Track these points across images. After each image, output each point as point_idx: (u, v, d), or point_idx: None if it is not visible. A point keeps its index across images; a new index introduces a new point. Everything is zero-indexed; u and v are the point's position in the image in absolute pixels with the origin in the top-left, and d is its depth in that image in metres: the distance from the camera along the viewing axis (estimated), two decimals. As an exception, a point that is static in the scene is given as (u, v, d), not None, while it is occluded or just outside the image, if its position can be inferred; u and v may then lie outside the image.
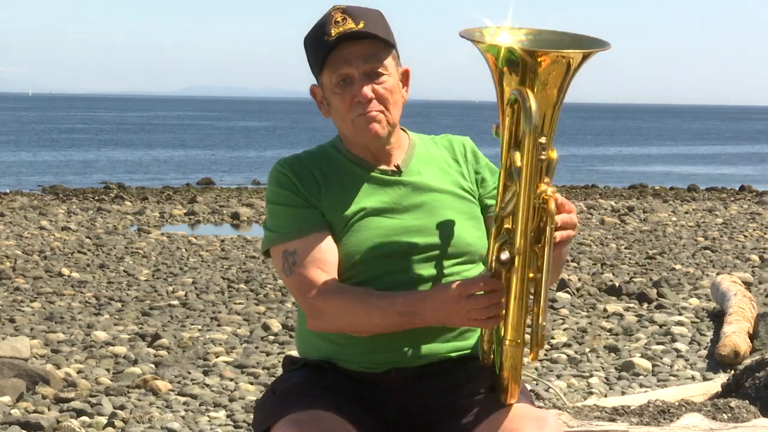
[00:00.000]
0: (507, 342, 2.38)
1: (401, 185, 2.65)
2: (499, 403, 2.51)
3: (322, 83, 2.64)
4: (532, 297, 2.38)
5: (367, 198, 2.63)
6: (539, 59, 2.29)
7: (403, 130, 2.73)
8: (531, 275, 2.34)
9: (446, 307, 2.43)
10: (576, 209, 2.47)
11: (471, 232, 2.66)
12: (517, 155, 2.30)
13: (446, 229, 2.62)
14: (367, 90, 2.57)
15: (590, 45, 2.36)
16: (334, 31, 2.55)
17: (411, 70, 2.69)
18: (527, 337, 2.40)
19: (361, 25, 2.56)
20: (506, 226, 2.37)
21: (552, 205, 2.32)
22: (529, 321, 2.39)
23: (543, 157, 2.29)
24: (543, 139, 2.29)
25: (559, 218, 2.36)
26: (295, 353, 2.78)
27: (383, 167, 2.67)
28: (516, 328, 2.36)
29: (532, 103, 2.27)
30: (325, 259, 2.55)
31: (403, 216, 2.62)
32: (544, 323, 2.36)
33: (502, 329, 2.40)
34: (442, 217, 2.59)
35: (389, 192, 2.64)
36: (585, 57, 2.32)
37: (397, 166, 2.68)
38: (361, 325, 2.51)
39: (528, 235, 2.32)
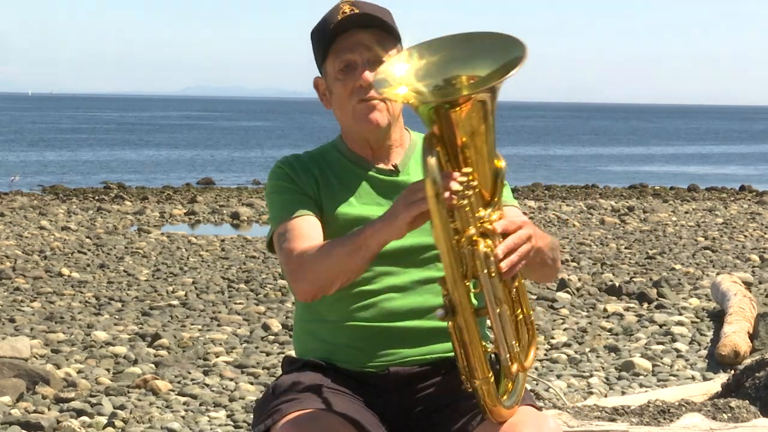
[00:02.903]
0: (476, 382, 2.35)
1: (397, 186, 2.64)
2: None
3: (326, 71, 2.64)
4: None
5: (363, 198, 2.63)
6: (452, 111, 2.20)
7: (407, 129, 2.73)
8: (475, 313, 2.29)
9: (389, 211, 2.37)
10: (526, 221, 2.35)
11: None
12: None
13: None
14: (369, 75, 2.56)
15: (504, 53, 2.23)
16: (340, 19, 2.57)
17: None
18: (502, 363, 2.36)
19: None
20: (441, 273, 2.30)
21: (481, 247, 2.23)
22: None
23: (464, 201, 2.22)
24: (463, 178, 2.21)
25: (501, 249, 2.25)
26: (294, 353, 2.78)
27: (381, 166, 2.67)
28: (480, 366, 2.33)
29: (431, 158, 2.19)
30: (308, 234, 2.54)
31: None
32: (506, 355, 2.32)
33: (469, 368, 2.35)
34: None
35: (385, 193, 2.64)
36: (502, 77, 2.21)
37: (395, 166, 2.68)
38: (335, 269, 2.42)
39: (462, 283, 2.25)
